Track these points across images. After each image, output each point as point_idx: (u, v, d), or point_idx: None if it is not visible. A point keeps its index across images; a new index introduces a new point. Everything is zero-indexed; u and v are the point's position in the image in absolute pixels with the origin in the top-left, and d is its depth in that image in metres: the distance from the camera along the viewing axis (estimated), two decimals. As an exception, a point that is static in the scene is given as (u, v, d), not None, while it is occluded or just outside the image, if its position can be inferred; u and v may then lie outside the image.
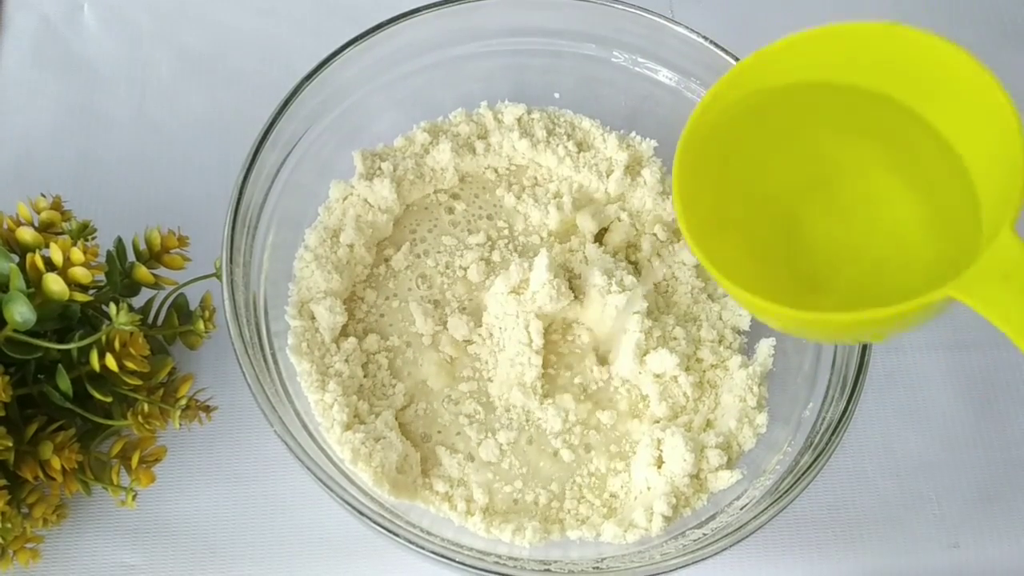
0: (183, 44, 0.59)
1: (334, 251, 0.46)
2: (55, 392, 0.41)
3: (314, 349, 0.44)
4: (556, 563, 0.38)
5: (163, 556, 0.46)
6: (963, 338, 0.54)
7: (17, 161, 0.54)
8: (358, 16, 0.49)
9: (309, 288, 0.45)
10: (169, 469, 0.45)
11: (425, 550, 0.36)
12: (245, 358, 0.39)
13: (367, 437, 0.42)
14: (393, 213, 0.49)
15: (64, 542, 0.45)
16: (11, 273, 0.40)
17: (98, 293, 0.44)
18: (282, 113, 0.44)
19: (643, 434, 0.44)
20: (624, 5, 0.48)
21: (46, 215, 0.43)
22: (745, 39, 0.50)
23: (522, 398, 0.44)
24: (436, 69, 0.50)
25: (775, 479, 0.40)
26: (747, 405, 0.44)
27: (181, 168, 0.55)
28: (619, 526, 0.41)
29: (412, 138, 0.50)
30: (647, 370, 0.45)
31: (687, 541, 0.39)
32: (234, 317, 0.39)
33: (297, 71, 0.45)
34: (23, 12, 0.59)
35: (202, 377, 0.47)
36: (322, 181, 0.48)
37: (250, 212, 0.43)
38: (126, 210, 0.49)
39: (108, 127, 0.56)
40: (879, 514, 0.49)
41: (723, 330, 0.47)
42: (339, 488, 0.37)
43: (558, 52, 0.51)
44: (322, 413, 0.42)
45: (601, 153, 0.51)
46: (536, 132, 0.50)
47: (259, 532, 0.46)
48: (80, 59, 0.58)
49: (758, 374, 0.45)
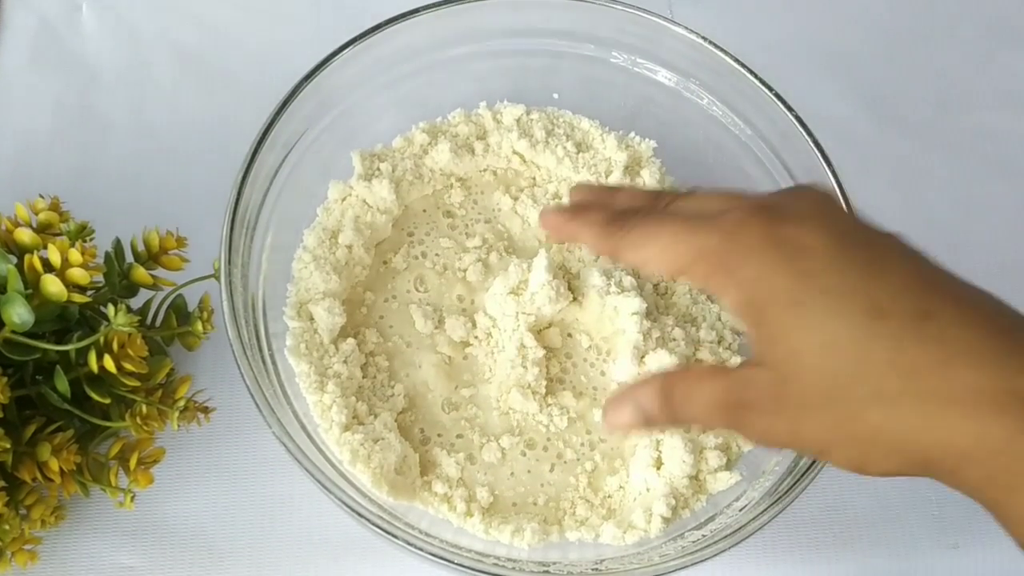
0: (182, 44, 0.59)
1: (332, 252, 0.46)
2: (53, 393, 0.41)
3: (313, 350, 0.44)
4: (555, 564, 0.38)
5: (161, 557, 0.45)
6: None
7: (15, 161, 0.54)
8: (356, 17, 0.49)
9: (308, 289, 0.45)
10: (167, 470, 0.45)
11: (424, 552, 0.36)
12: (243, 359, 0.39)
13: (366, 438, 0.41)
14: (392, 214, 0.48)
15: (62, 543, 0.45)
16: (9, 274, 0.40)
17: (96, 294, 0.44)
18: (281, 113, 0.44)
19: (642, 435, 0.44)
20: (623, 6, 0.48)
21: (44, 216, 0.43)
22: (744, 39, 0.50)
23: (521, 400, 0.44)
24: (435, 70, 0.50)
25: (774, 480, 0.40)
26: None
27: (179, 169, 0.55)
28: (618, 527, 0.41)
29: (411, 139, 0.50)
30: (646, 371, 0.45)
31: (686, 542, 0.39)
32: (232, 318, 0.39)
33: (296, 71, 0.45)
34: (21, 12, 0.59)
35: (200, 378, 0.47)
36: (321, 182, 0.48)
37: (248, 213, 0.43)
38: (124, 211, 0.49)
39: (106, 127, 0.56)
40: (878, 515, 0.49)
41: (722, 331, 0.47)
42: (338, 489, 0.37)
43: (557, 53, 0.51)
44: (321, 414, 0.42)
45: (600, 154, 0.51)
46: (535, 133, 0.50)
47: (258, 533, 0.46)
48: (78, 59, 0.58)
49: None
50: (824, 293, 0.30)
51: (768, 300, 0.31)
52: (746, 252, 0.31)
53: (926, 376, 0.29)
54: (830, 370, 0.30)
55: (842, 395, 0.30)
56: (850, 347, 0.30)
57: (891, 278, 0.30)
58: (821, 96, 0.61)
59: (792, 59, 0.62)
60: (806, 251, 0.31)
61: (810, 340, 0.30)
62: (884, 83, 0.63)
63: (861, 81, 0.62)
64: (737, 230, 0.32)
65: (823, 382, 0.30)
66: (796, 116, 0.46)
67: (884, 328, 0.29)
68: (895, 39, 0.64)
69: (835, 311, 0.30)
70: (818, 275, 0.30)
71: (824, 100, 0.61)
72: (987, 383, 0.28)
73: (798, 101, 0.46)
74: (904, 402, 0.29)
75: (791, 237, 0.31)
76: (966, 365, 0.28)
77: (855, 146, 0.59)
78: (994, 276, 0.55)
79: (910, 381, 0.29)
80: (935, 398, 0.29)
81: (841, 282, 0.30)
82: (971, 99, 0.63)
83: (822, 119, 0.47)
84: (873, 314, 0.29)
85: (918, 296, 0.30)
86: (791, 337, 0.31)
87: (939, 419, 0.29)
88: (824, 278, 0.30)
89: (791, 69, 0.60)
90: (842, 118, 0.61)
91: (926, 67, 0.63)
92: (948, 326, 0.29)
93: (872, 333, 0.29)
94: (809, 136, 0.45)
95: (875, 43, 0.64)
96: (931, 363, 0.29)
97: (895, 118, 0.61)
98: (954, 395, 0.28)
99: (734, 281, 0.32)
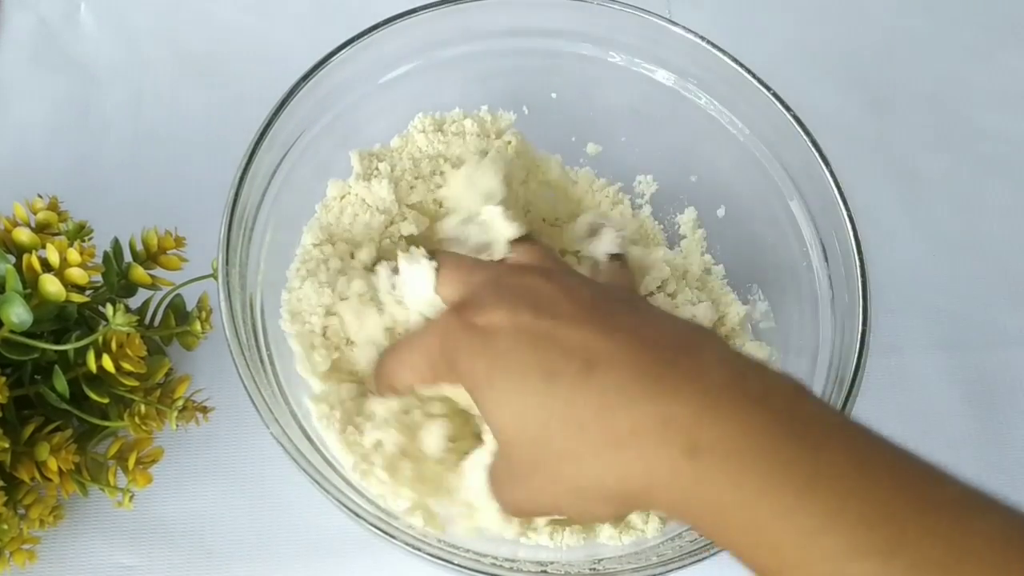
0: (180, 44, 0.59)
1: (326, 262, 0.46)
2: (52, 393, 0.41)
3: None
4: (552, 564, 0.38)
5: (160, 557, 0.46)
6: (963, 338, 0.54)
7: (14, 161, 0.54)
8: (355, 16, 0.49)
9: (300, 299, 0.44)
10: (166, 470, 0.45)
11: (422, 552, 0.36)
12: (241, 359, 0.39)
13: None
14: (391, 214, 0.48)
15: (61, 543, 0.45)
16: (7, 274, 0.40)
17: (95, 294, 0.44)
18: (279, 113, 0.44)
19: None
20: (621, 5, 0.48)
21: (43, 216, 0.43)
22: (742, 39, 0.50)
23: None
24: (433, 69, 0.50)
25: (773, 480, 0.40)
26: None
27: (178, 168, 0.55)
28: (614, 527, 0.41)
29: (409, 138, 0.50)
30: None
31: (683, 542, 0.39)
32: (230, 318, 0.39)
33: (294, 71, 0.45)
34: (20, 12, 0.59)
35: (199, 378, 0.47)
36: (319, 181, 0.48)
37: (247, 212, 0.43)
38: (123, 211, 0.49)
39: (105, 127, 0.56)
40: (877, 515, 0.49)
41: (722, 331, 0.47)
42: (336, 490, 0.37)
43: (555, 52, 0.50)
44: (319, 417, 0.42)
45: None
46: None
47: (256, 533, 0.46)
48: (77, 59, 0.58)
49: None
50: (506, 371, 0.32)
51: (474, 387, 0.34)
52: (454, 348, 0.35)
53: (594, 427, 0.30)
54: (527, 440, 0.32)
55: (540, 460, 0.32)
56: (534, 413, 0.32)
57: (565, 336, 0.32)
58: (820, 96, 0.61)
59: (791, 59, 0.62)
60: (490, 334, 0.33)
61: (505, 416, 0.33)
62: (883, 83, 0.63)
63: (860, 81, 0.62)
64: (444, 329, 0.36)
65: (524, 451, 0.33)
66: (794, 116, 0.46)
67: (557, 388, 0.31)
68: (894, 39, 0.64)
69: (516, 386, 0.32)
70: (502, 355, 0.33)
71: (823, 100, 0.61)
72: (642, 420, 0.29)
73: (796, 101, 0.46)
74: (585, 454, 0.31)
75: (478, 325, 0.34)
76: (623, 407, 0.30)
77: (854, 146, 0.59)
78: (994, 276, 0.56)
79: (584, 434, 0.30)
80: (606, 446, 0.30)
81: (518, 358, 0.32)
82: (970, 99, 0.63)
83: (820, 119, 0.46)
84: (548, 378, 0.31)
85: (585, 348, 0.31)
86: (493, 416, 0.33)
87: (615, 463, 0.30)
88: (505, 357, 0.33)
89: (790, 69, 0.60)
90: (841, 118, 0.61)
91: (926, 67, 0.63)
92: (607, 373, 0.30)
93: (548, 396, 0.31)
94: (807, 136, 0.45)
95: (874, 43, 0.64)
96: (595, 413, 0.30)
97: (894, 118, 0.61)
98: (619, 439, 0.30)
99: (456, 375, 0.35)
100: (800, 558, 0.27)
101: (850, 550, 0.26)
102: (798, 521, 0.27)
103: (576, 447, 0.31)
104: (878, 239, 0.55)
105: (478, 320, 0.34)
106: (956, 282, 0.56)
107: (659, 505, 0.31)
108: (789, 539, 0.27)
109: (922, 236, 0.58)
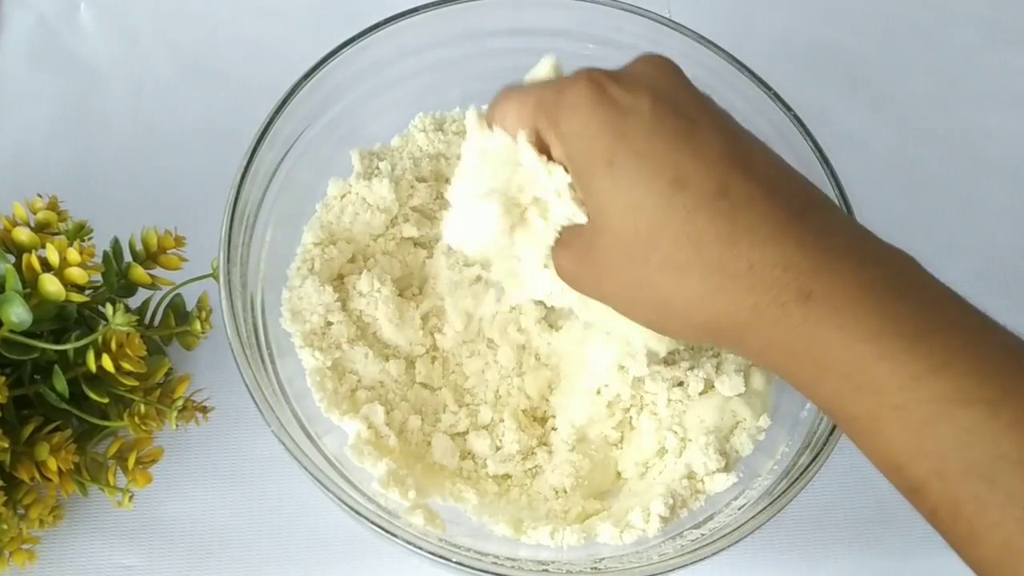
0: (180, 43, 0.59)
1: (327, 262, 0.46)
2: (51, 393, 0.41)
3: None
4: (553, 563, 0.38)
5: (160, 557, 0.45)
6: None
7: (13, 161, 0.54)
8: (356, 15, 0.49)
9: (300, 298, 0.44)
10: (166, 470, 0.45)
11: (423, 550, 0.36)
12: (242, 358, 0.39)
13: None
14: (392, 213, 0.48)
15: (61, 543, 0.45)
16: (7, 274, 0.40)
17: (94, 294, 0.44)
18: (280, 112, 0.44)
19: None
20: (621, 5, 0.48)
21: (42, 215, 0.43)
22: (742, 39, 0.50)
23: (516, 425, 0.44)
24: (434, 69, 0.50)
25: (773, 479, 0.40)
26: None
27: (178, 167, 0.55)
28: (616, 527, 0.41)
29: (409, 137, 0.50)
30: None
31: (685, 542, 0.39)
32: (231, 317, 0.39)
33: (295, 70, 0.45)
34: (20, 11, 0.59)
35: (199, 378, 0.47)
36: (320, 180, 0.48)
37: (247, 212, 0.43)
38: (123, 210, 0.49)
39: (105, 126, 0.56)
40: (877, 514, 0.49)
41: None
42: (337, 488, 0.37)
43: (555, 52, 0.50)
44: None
45: None
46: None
47: (256, 533, 0.46)
48: (77, 58, 0.58)
49: (757, 375, 0.45)
50: (635, 156, 0.31)
51: (584, 156, 0.32)
52: (572, 108, 0.32)
53: (711, 252, 0.30)
54: (630, 234, 0.31)
55: (638, 260, 0.31)
56: (650, 214, 0.31)
57: (702, 150, 0.31)
58: (819, 95, 0.61)
59: (790, 58, 0.62)
60: (627, 113, 0.31)
61: (616, 202, 0.31)
62: (883, 82, 0.63)
63: (859, 80, 0.62)
64: (568, 87, 0.33)
65: (623, 245, 0.31)
66: (794, 115, 0.46)
67: (682, 199, 0.30)
68: (894, 38, 0.64)
69: (642, 176, 0.31)
70: (633, 138, 0.31)
71: (822, 99, 0.61)
72: (763, 261, 0.29)
73: (796, 100, 0.46)
74: (692, 273, 0.30)
75: (615, 98, 0.32)
76: (748, 244, 0.30)
77: (853, 145, 0.59)
78: (993, 275, 0.56)
79: (698, 253, 0.30)
80: (719, 271, 0.30)
81: (652, 148, 0.31)
82: (970, 99, 0.63)
83: (820, 118, 0.47)
84: (675, 184, 0.30)
85: (721, 172, 0.31)
86: (600, 196, 0.32)
87: (721, 292, 0.30)
88: (638, 142, 0.31)
89: (789, 68, 0.60)
90: (840, 117, 0.61)
91: (925, 66, 0.63)
92: (740, 203, 0.30)
93: (671, 203, 0.30)
94: (807, 135, 0.45)
95: (874, 42, 0.64)
96: (718, 238, 0.30)
97: (893, 117, 0.61)
98: (736, 271, 0.30)
99: (558, 134, 0.33)
100: (903, 400, 0.28)
101: (958, 395, 0.27)
102: (906, 364, 0.28)
103: (684, 263, 0.30)
104: (878, 239, 0.55)
105: (615, 91, 0.32)
106: (956, 282, 0.56)
107: (748, 344, 0.31)
108: (894, 381, 0.28)
109: (922, 236, 0.58)
